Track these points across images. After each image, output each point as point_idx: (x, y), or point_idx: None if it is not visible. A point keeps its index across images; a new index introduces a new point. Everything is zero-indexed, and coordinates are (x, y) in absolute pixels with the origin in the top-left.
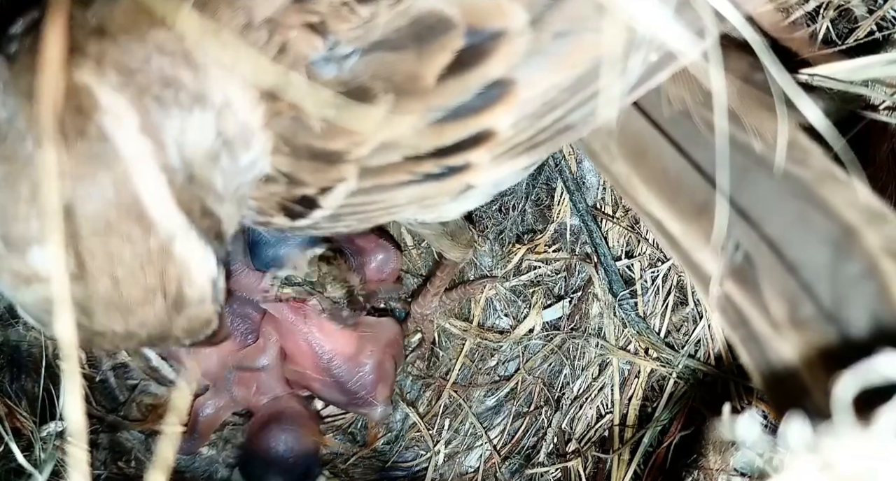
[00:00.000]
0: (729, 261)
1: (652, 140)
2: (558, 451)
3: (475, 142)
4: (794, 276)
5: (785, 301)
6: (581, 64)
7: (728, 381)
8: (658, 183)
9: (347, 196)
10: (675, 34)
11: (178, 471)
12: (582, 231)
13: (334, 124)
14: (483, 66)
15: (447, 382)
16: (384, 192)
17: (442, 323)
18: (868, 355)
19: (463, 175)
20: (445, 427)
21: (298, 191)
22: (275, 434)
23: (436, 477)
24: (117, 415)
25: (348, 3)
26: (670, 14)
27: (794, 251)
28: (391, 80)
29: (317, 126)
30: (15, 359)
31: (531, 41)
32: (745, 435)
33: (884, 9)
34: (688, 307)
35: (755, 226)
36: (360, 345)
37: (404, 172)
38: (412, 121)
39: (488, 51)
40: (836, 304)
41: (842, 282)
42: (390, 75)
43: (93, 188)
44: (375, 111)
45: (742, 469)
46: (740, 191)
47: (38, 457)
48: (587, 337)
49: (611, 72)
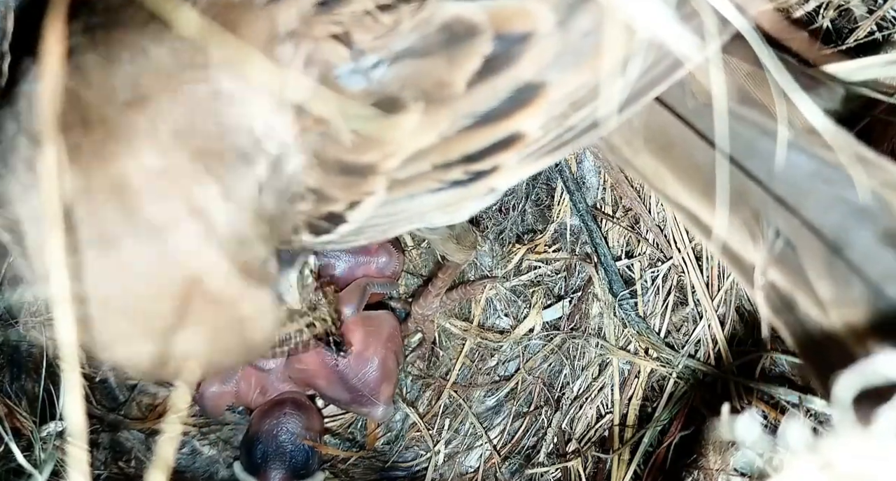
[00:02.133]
0: (771, 248)
1: (679, 133)
2: (558, 451)
3: (504, 145)
4: (839, 257)
5: (832, 282)
6: (609, 60)
7: (728, 381)
8: (689, 175)
9: (375, 208)
10: (676, 34)
11: (178, 471)
12: (582, 231)
13: (365, 136)
14: (513, 69)
15: (447, 382)
16: (410, 202)
17: (442, 322)
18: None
19: (489, 179)
20: (445, 427)
21: (326, 207)
22: (278, 419)
23: (436, 477)
24: (117, 415)
25: (371, 12)
26: (671, 14)
27: (836, 233)
28: (420, 89)
29: (347, 139)
30: (15, 359)
31: (560, 42)
32: (745, 435)
33: (884, 9)
34: (688, 307)
35: (794, 211)
36: (366, 341)
37: (433, 180)
38: (443, 129)
39: (517, 54)
40: (884, 280)
41: (887, 258)
42: (419, 83)
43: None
44: (407, 121)
45: (742, 469)
46: (774, 178)
47: (38, 457)
48: (587, 337)
49: (610, 71)
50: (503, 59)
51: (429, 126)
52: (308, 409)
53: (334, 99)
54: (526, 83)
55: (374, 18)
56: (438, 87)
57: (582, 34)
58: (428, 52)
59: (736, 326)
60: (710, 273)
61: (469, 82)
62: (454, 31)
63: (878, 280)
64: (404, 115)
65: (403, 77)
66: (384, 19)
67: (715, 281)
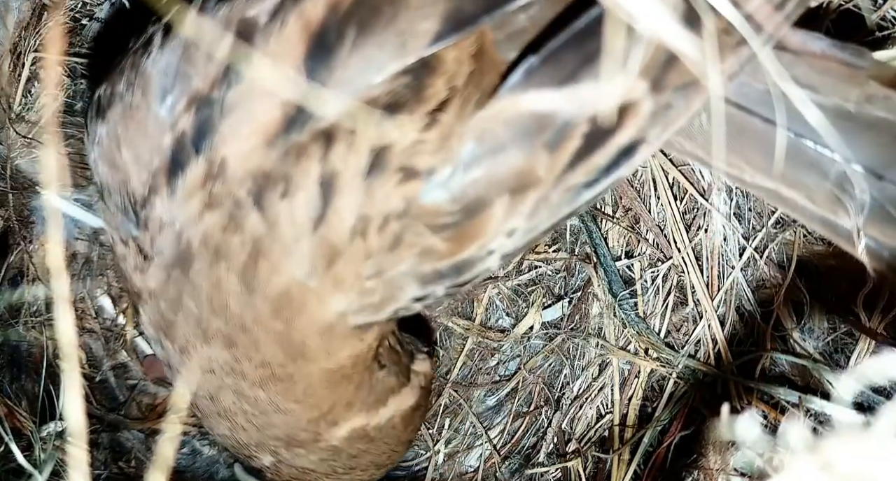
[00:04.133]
0: (867, 212)
1: (742, 121)
2: (558, 451)
3: (606, 190)
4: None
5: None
6: (700, 101)
7: (728, 381)
8: (762, 157)
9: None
10: (676, 33)
11: (178, 471)
12: (582, 231)
13: (458, 238)
14: (612, 140)
15: (448, 381)
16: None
17: (444, 321)
18: None
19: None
20: (445, 426)
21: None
22: None
23: (436, 476)
24: (117, 415)
25: (419, 141)
26: (670, 13)
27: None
28: (502, 184)
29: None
30: (15, 359)
31: (654, 103)
32: (745, 435)
33: (884, 9)
34: (688, 307)
35: (881, 177)
36: None
37: (537, 239)
38: (546, 214)
39: (616, 126)
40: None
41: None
42: (499, 178)
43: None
44: (494, 214)
45: (742, 469)
46: (850, 149)
47: (38, 457)
48: (587, 337)
49: (611, 71)
50: (601, 135)
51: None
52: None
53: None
54: (626, 146)
55: (423, 141)
56: (521, 176)
57: (675, 89)
58: (499, 147)
59: (736, 326)
60: (710, 273)
61: (567, 163)
62: (533, 123)
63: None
64: (490, 209)
65: (480, 178)
66: (429, 137)
67: (715, 281)
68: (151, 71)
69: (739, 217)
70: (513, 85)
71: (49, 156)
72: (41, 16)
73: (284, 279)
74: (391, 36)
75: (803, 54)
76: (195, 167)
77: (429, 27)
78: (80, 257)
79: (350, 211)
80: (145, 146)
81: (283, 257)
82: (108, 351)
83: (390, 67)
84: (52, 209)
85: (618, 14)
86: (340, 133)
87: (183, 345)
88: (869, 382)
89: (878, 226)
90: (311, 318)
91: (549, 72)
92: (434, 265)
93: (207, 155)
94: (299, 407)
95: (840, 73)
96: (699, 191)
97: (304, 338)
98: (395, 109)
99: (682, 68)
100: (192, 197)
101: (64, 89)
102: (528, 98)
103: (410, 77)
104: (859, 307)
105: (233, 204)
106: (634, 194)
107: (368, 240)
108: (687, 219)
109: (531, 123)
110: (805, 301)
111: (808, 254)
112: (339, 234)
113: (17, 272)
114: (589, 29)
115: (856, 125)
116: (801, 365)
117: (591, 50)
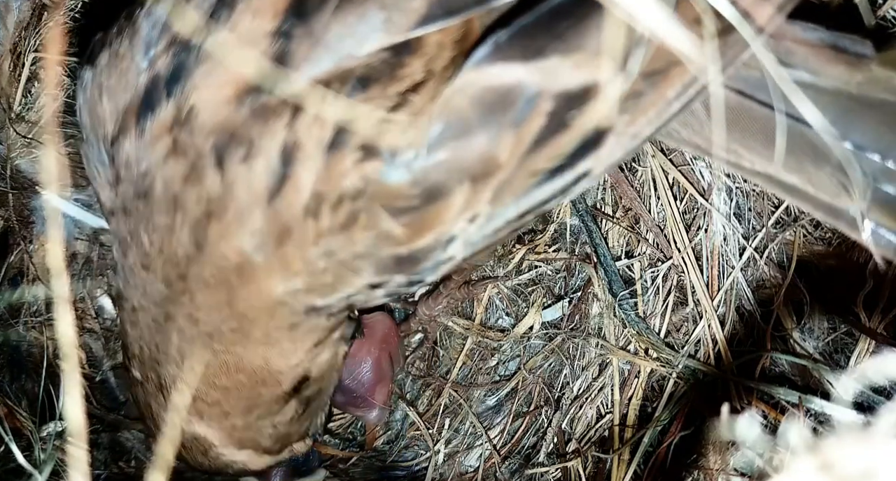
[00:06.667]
0: (871, 196)
1: (740, 107)
2: (558, 451)
3: (574, 182)
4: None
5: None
6: (672, 90)
7: (728, 381)
8: (762, 142)
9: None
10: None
11: (178, 471)
12: (582, 231)
13: (416, 224)
14: (577, 121)
15: (447, 381)
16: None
17: (445, 321)
18: None
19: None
20: (445, 426)
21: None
22: None
23: (436, 476)
24: (117, 415)
25: (385, 120)
26: (670, 13)
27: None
28: (464, 170)
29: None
30: (15, 358)
31: (622, 87)
32: (745, 435)
33: (884, 9)
34: (688, 307)
35: (882, 158)
36: (359, 342)
37: (508, 230)
38: (510, 200)
39: (581, 104)
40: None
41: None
42: (462, 164)
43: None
44: (453, 203)
45: (742, 469)
46: (851, 132)
47: (38, 457)
48: (587, 337)
49: (611, 70)
50: (566, 114)
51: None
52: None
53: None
54: (592, 130)
55: (388, 120)
56: (483, 163)
57: (644, 74)
58: (465, 130)
59: (736, 326)
60: (710, 273)
61: (532, 143)
62: (497, 96)
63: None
64: (450, 198)
65: (443, 162)
66: (398, 118)
67: (715, 281)
68: (142, 22)
69: (739, 217)
70: (480, 58)
71: (49, 156)
72: (41, 16)
73: (233, 246)
74: (374, 7)
75: (802, 43)
76: (164, 111)
77: (417, 7)
78: (80, 257)
79: (306, 186)
80: (124, 96)
81: (234, 223)
82: (108, 351)
83: (372, 41)
84: (52, 209)
85: (612, 6)
86: (311, 100)
87: (131, 264)
88: (869, 382)
89: (883, 211)
90: (255, 293)
91: (517, 46)
92: (392, 250)
93: (178, 99)
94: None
95: (840, 58)
96: (699, 191)
97: (245, 312)
98: (367, 83)
99: (655, 55)
100: (159, 140)
101: (64, 89)
102: (494, 70)
103: (389, 53)
104: (859, 307)
105: (196, 155)
106: (634, 194)
107: (321, 220)
108: (687, 219)
109: (497, 100)
110: (805, 301)
111: (808, 254)
112: (293, 211)
113: (17, 272)
114: (562, 8)
115: (858, 106)
116: (801, 365)
117: (562, 28)
